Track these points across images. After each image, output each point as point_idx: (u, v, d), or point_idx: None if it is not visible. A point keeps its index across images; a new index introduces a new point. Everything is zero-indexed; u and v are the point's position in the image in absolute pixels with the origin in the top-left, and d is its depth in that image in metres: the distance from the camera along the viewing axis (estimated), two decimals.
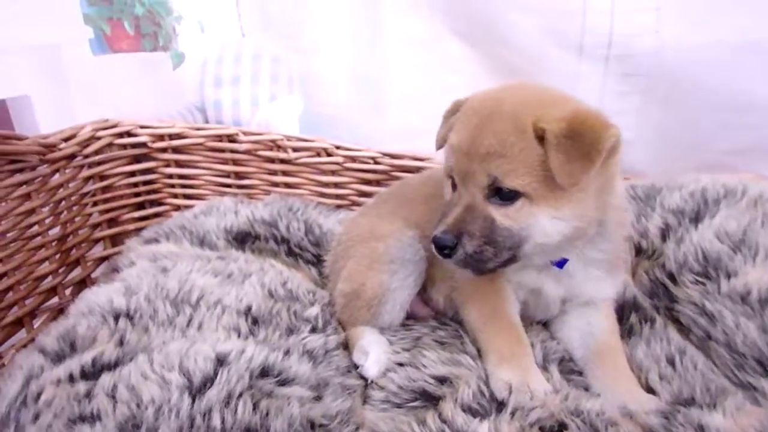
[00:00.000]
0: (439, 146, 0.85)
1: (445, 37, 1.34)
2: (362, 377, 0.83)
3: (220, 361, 0.72)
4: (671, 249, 1.02)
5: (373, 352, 0.84)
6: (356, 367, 0.85)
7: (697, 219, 1.06)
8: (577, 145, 0.68)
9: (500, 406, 0.69)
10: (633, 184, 1.18)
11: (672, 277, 0.99)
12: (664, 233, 1.05)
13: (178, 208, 1.36)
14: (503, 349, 0.78)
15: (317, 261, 1.11)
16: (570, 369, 0.84)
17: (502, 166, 0.71)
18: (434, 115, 1.40)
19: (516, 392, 0.70)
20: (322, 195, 1.34)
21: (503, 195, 0.73)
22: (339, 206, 1.33)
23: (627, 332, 0.91)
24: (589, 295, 0.86)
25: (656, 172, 1.31)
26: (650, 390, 0.81)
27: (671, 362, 0.85)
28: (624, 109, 1.32)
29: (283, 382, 0.72)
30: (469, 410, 0.68)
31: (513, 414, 0.67)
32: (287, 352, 0.79)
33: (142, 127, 1.28)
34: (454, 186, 0.79)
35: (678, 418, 0.69)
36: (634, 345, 0.88)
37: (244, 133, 1.30)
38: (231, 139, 1.30)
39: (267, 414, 0.64)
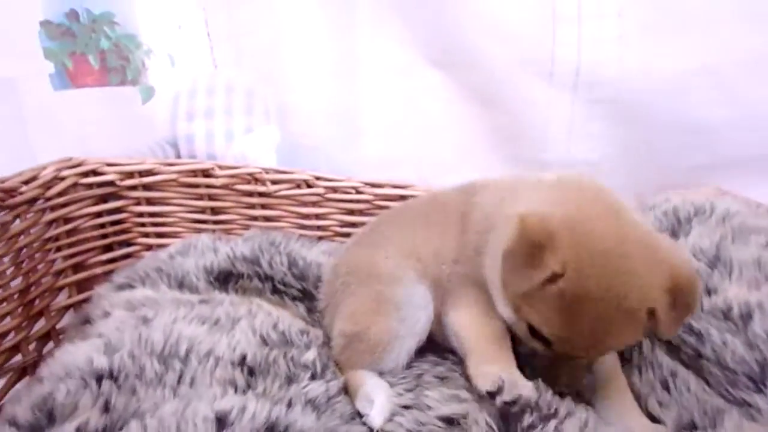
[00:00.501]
0: (515, 296, 0.75)
1: (421, 66, 1.35)
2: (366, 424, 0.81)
3: (221, 421, 0.68)
4: None
5: (378, 400, 0.81)
6: (360, 415, 0.82)
7: (673, 238, 1.10)
8: (682, 312, 0.74)
9: None
10: None
11: None
12: None
13: (149, 247, 1.30)
14: (487, 352, 0.80)
15: (303, 296, 1.08)
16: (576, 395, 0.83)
17: (614, 346, 0.79)
18: (413, 144, 1.42)
19: (508, 385, 0.72)
20: (303, 227, 1.32)
21: None
22: (321, 238, 1.30)
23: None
24: None
25: (624, 191, 1.37)
26: (651, 417, 0.83)
27: (665, 386, 0.86)
28: (591, 133, 1.36)
29: None
30: None
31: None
32: (290, 404, 0.76)
33: (109, 164, 1.22)
34: (541, 339, 0.76)
35: None
36: (628, 373, 0.89)
37: (220, 167, 1.25)
38: (206, 173, 1.26)
39: None
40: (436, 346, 0.93)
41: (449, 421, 0.74)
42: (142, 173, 1.24)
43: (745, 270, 0.99)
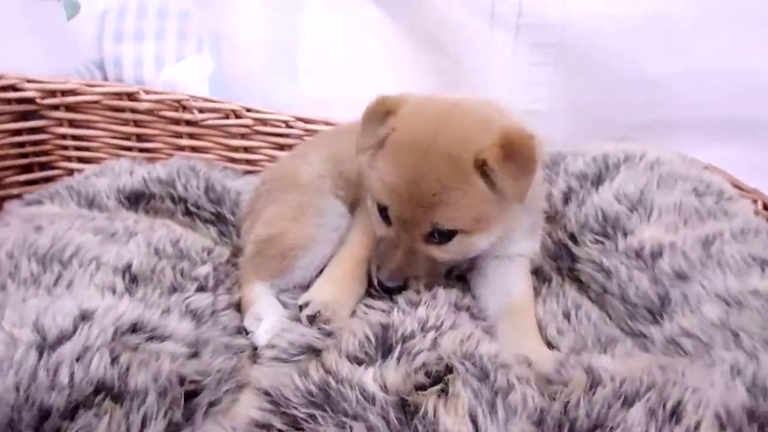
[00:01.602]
0: (361, 152, 0.80)
1: (362, 2, 1.30)
2: None
3: (84, 318, 0.65)
4: (573, 211, 1.03)
5: (267, 320, 0.79)
6: (247, 331, 0.81)
7: (598, 182, 1.08)
8: (518, 163, 0.72)
9: (386, 352, 0.66)
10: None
11: (573, 238, 1.00)
12: (567, 197, 1.06)
13: (72, 172, 1.25)
14: (336, 277, 0.81)
15: (217, 219, 1.05)
16: (479, 317, 0.83)
17: (446, 213, 0.74)
18: (350, 82, 1.37)
19: (313, 304, 0.74)
20: (232, 160, 1.28)
21: (442, 234, 0.76)
22: (249, 172, 1.27)
23: None
24: (505, 250, 0.86)
25: (567, 144, 1.34)
26: (549, 345, 0.82)
27: (567, 316, 0.85)
28: (536, 80, 1.33)
29: (155, 339, 0.66)
30: (354, 359, 0.65)
31: (399, 359, 0.64)
32: (166, 311, 0.73)
33: (29, 81, 1.17)
34: (386, 218, 0.78)
35: (570, 361, 0.68)
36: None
37: (146, 92, 1.21)
38: (131, 97, 1.21)
39: (128, 368, 0.59)
40: None
41: (328, 333, 0.72)
42: (65, 92, 1.19)
43: (665, 214, 0.98)
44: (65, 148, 1.26)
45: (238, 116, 1.23)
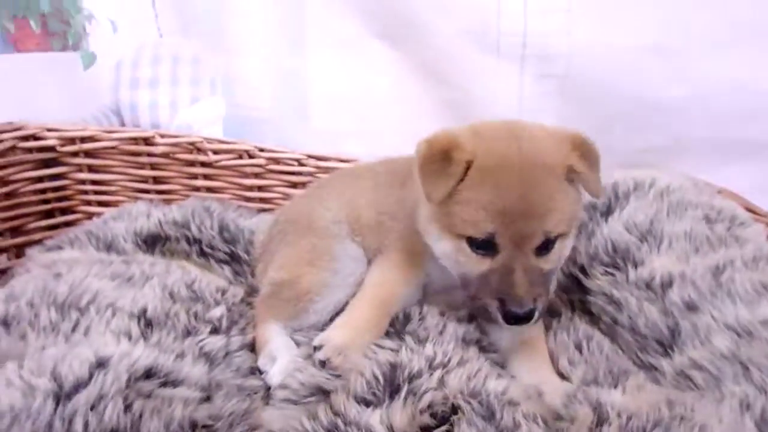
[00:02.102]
0: (440, 197, 0.76)
1: (368, 39, 1.34)
2: None
3: (100, 364, 0.67)
4: (583, 243, 1.03)
5: (281, 360, 0.81)
6: (261, 371, 0.82)
7: (608, 212, 1.07)
8: (592, 162, 0.78)
9: (393, 392, 0.66)
10: None
11: (584, 270, 1.00)
12: (577, 229, 1.07)
13: (91, 216, 1.30)
14: (355, 316, 0.81)
15: (231, 259, 1.08)
16: (489, 350, 0.84)
17: (556, 218, 0.75)
18: (360, 118, 1.41)
19: (327, 348, 0.74)
20: (246, 199, 1.31)
21: (548, 242, 0.77)
22: (263, 210, 1.30)
23: None
24: None
25: None
26: (561, 376, 0.82)
27: (579, 348, 0.85)
28: (543, 109, 1.34)
29: (168, 384, 0.68)
30: (363, 401, 0.66)
31: (405, 399, 0.65)
32: (180, 355, 0.75)
33: (49, 129, 1.23)
34: (488, 249, 0.76)
35: (578, 396, 0.68)
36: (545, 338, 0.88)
37: (162, 136, 1.25)
38: (148, 142, 1.26)
39: (141, 416, 0.60)
40: None
41: (338, 375, 0.73)
42: (84, 139, 1.25)
43: (675, 243, 0.98)
44: (85, 192, 1.31)
45: (251, 156, 1.26)
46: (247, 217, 1.22)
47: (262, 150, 1.27)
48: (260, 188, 1.30)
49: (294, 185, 1.29)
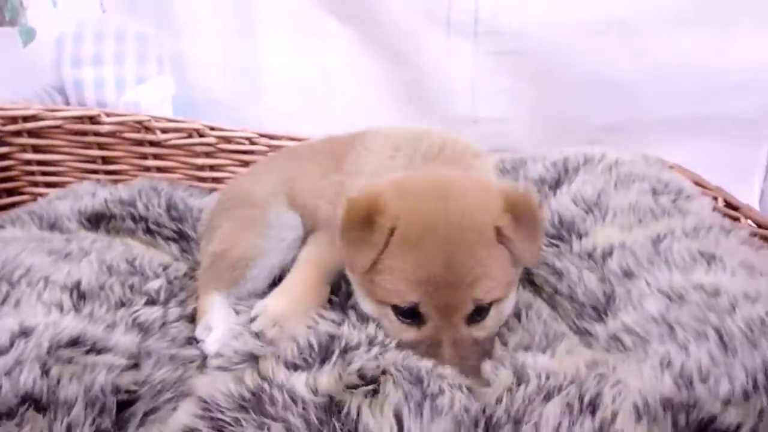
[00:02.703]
0: (364, 267, 0.71)
1: (320, 17, 1.33)
2: None
3: (23, 333, 0.66)
4: None
5: (217, 329, 0.80)
6: (198, 341, 0.81)
7: (557, 186, 1.08)
8: (527, 227, 0.71)
9: (325, 359, 0.66)
10: (503, 158, 1.20)
11: None
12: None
13: (38, 197, 1.27)
14: (294, 288, 0.79)
15: (179, 237, 1.06)
16: None
17: (486, 285, 0.69)
18: (313, 96, 1.40)
19: (263, 318, 0.73)
20: (198, 179, 1.29)
21: (480, 311, 0.71)
22: (215, 190, 1.28)
23: None
24: None
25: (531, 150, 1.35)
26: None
27: (518, 316, 0.86)
28: (497, 89, 1.34)
29: (93, 352, 0.67)
30: (292, 366, 0.65)
31: (335, 364, 0.64)
32: (111, 325, 0.74)
33: None
34: (413, 320, 0.71)
35: (504, 361, 0.68)
36: None
37: (108, 114, 1.23)
38: (93, 120, 1.23)
39: (59, 381, 0.59)
40: None
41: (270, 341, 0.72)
42: (27, 119, 1.21)
43: (619, 214, 0.99)
44: (31, 173, 1.28)
45: (201, 135, 1.25)
46: (198, 197, 1.20)
47: (212, 129, 1.25)
48: (212, 167, 1.28)
49: (246, 164, 1.27)
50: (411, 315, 0.70)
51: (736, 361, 0.59)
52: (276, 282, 0.86)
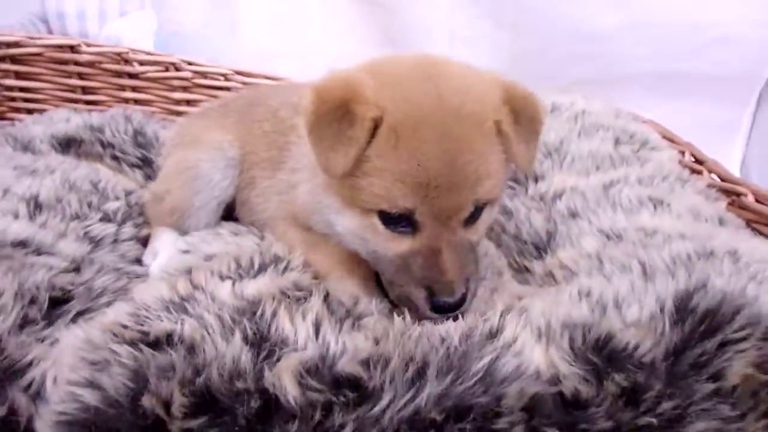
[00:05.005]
0: (344, 169, 0.59)
1: None
2: None
3: None
4: None
5: (162, 255, 0.83)
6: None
7: None
8: (529, 126, 0.64)
9: (257, 273, 0.68)
10: None
11: None
12: None
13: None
14: (343, 266, 0.70)
15: (144, 164, 1.09)
16: None
17: (488, 184, 0.61)
18: (290, 37, 1.39)
19: (361, 303, 0.65)
20: (175, 113, 1.31)
21: (476, 212, 0.63)
22: None
23: None
24: None
25: None
26: None
27: None
28: (475, 35, 1.33)
29: (36, 253, 0.70)
30: (226, 277, 0.68)
31: (266, 276, 0.67)
32: (61, 234, 0.77)
33: None
34: (407, 227, 0.62)
35: None
36: None
37: (88, 45, 1.24)
38: (74, 50, 1.24)
39: None
40: None
41: (210, 257, 0.75)
42: (9, 45, 1.23)
43: (578, 161, 0.99)
44: (13, 99, 1.30)
45: (177, 69, 1.26)
46: (170, 129, 1.22)
47: (189, 63, 1.26)
48: (188, 102, 1.29)
49: None
50: (401, 222, 0.61)
51: (650, 288, 0.60)
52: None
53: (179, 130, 0.99)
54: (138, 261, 0.84)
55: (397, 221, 0.61)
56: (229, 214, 0.92)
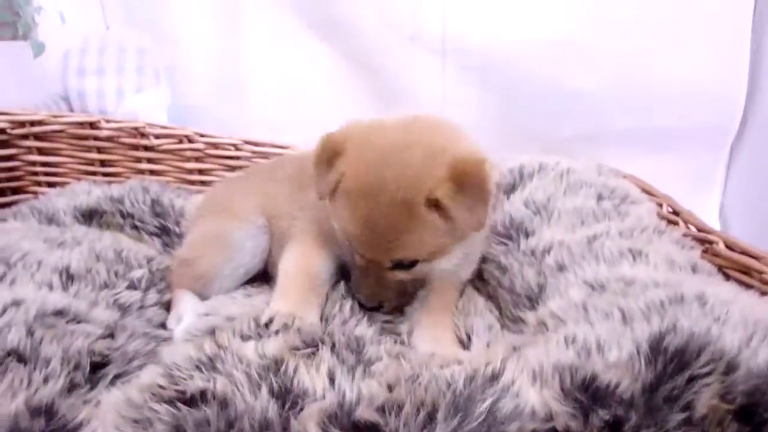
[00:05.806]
0: (322, 198, 0.82)
1: (302, 32, 1.44)
2: None
3: (15, 303, 0.76)
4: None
5: (185, 320, 0.88)
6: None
7: (511, 190, 1.18)
8: (471, 194, 0.74)
9: (276, 333, 0.75)
10: None
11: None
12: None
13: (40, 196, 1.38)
14: (292, 293, 0.83)
15: (162, 232, 1.17)
16: (392, 331, 0.87)
17: (404, 252, 0.77)
18: (295, 107, 1.51)
19: (279, 317, 0.76)
20: (188, 182, 1.40)
21: (409, 263, 0.80)
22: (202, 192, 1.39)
23: None
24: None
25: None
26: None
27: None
28: (465, 99, 1.45)
29: (73, 321, 0.77)
30: (247, 338, 0.75)
31: (284, 335, 0.73)
32: (93, 303, 0.84)
33: (1, 113, 1.32)
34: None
35: None
36: None
37: (107, 121, 1.35)
38: (93, 126, 1.35)
39: (41, 341, 0.69)
40: None
41: (231, 318, 0.82)
42: (33, 123, 1.33)
43: (564, 216, 1.08)
44: (35, 174, 1.39)
45: (191, 141, 1.36)
46: (186, 198, 1.31)
47: (201, 135, 1.36)
48: (200, 171, 1.39)
49: (232, 169, 1.38)
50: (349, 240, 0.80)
51: (628, 332, 0.67)
52: None
53: (208, 198, 1.09)
54: (162, 325, 0.90)
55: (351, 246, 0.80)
56: None
